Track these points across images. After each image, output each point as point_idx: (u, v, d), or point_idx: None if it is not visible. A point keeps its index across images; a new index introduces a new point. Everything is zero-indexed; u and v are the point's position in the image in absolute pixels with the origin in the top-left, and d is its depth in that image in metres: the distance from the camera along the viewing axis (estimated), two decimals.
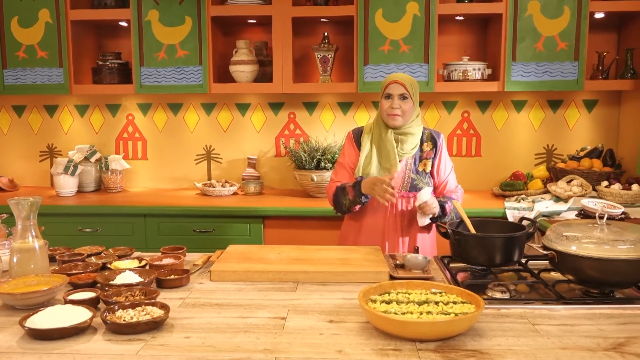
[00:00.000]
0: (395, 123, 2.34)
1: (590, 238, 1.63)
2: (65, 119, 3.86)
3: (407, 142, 2.37)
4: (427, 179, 2.41)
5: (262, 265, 1.88)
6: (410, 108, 2.35)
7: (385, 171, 2.37)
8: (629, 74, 3.28)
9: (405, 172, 2.39)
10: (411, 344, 1.32)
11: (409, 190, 2.39)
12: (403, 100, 2.33)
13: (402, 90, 2.32)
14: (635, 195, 3.08)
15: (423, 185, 2.39)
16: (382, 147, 2.38)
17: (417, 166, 2.41)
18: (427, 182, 2.41)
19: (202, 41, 3.34)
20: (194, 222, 3.20)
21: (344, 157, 2.48)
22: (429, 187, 2.35)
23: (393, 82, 2.33)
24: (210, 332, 1.39)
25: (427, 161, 2.41)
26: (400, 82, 2.32)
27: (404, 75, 2.36)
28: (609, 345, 1.33)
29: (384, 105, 2.36)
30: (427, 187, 2.33)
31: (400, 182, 2.39)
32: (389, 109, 2.33)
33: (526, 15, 3.18)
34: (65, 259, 1.94)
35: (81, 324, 1.36)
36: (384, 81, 2.39)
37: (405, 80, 2.33)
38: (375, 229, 2.40)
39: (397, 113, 2.32)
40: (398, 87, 2.32)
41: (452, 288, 1.55)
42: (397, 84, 2.32)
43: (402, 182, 2.39)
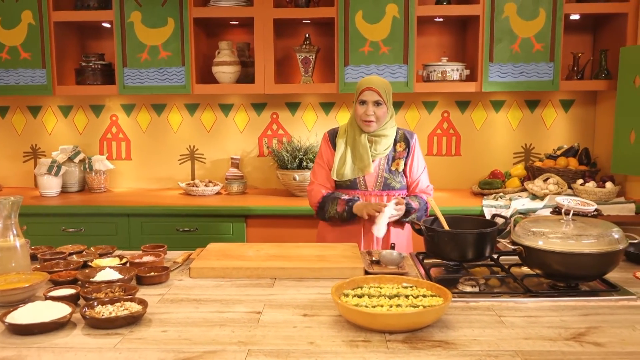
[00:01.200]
0: (369, 129, 2.41)
1: (556, 233, 1.69)
2: (48, 119, 3.87)
3: (381, 143, 2.43)
4: (400, 178, 2.48)
5: (241, 262, 1.92)
6: (384, 113, 2.41)
7: (359, 171, 2.43)
8: (603, 75, 3.36)
9: (378, 172, 2.46)
10: (381, 336, 1.37)
11: (382, 189, 2.46)
12: (377, 107, 2.38)
13: (376, 97, 2.37)
14: (609, 193, 3.16)
15: (396, 184, 2.45)
16: (355, 149, 2.44)
17: (390, 165, 2.47)
18: (400, 180, 2.48)
19: (185, 42, 3.37)
20: (177, 222, 3.23)
21: (321, 158, 2.54)
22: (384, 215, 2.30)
23: (367, 88, 2.37)
24: (187, 326, 1.44)
25: (399, 161, 2.47)
26: (374, 89, 2.37)
27: (378, 80, 2.40)
28: (570, 335, 1.39)
29: (358, 110, 2.41)
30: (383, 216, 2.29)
31: (373, 182, 2.46)
32: (364, 115, 2.38)
33: (503, 17, 3.25)
34: (46, 257, 1.97)
35: (60, 319, 1.39)
36: (358, 86, 2.43)
37: (379, 87, 2.37)
38: (350, 227, 2.45)
39: (372, 119, 2.38)
40: (372, 94, 2.37)
41: (422, 282, 1.60)
42: (371, 90, 2.37)
43: (375, 182, 2.46)
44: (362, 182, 2.46)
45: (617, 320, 1.48)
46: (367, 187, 2.45)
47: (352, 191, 2.47)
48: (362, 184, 2.46)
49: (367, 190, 2.46)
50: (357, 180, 2.45)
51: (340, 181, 2.48)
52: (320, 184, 2.51)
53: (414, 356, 1.27)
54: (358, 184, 2.45)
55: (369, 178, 2.45)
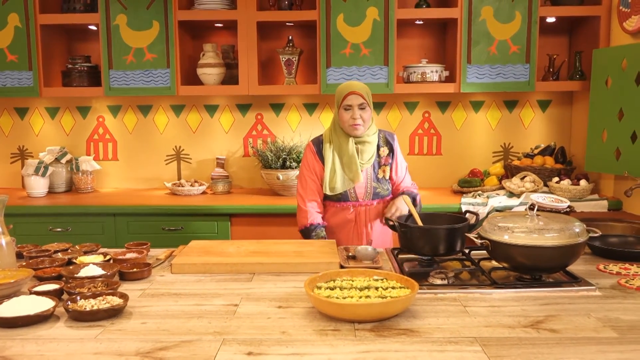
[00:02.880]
0: (358, 133, 2.46)
1: (521, 228, 1.77)
2: (35, 121, 3.92)
3: (366, 151, 2.50)
4: (387, 185, 2.56)
5: (221, 258, 1.99)
6: (369, 116, 2.47)
7: (349, 183, 2.49)
8: (578, 76, 3.46)
9: (367, 182, 2.52)
10: (350, 325, 1.45)
11: (372, 199, 2.54)
12: (362, 110, 2.43)
13: (360, 101, 2.43)
14: (583, 190, 3.26)
15: (384, 192, 2.54)
16: (343, 157, 2.49)
17: (377, 174, 2.54)
18: (387, 187, 2.56)
19: (170, 45, 3.44)
20: (163, 221, 3.29)
21: (309, 170, 2.54)
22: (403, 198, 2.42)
23: (351, 93, 2.42)
24: (166, 318, 1.51)
25: (385, 167, 2.55)
26: (358, 93, 2.42)
27: (359, 85, 2.47)
28: (528, 322, 1.47)
29: (344, 116, 2.44)
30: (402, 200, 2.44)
31: (363, 192, 2.52)
32: (351, 119, 2.42)
33: (480, 20, 3.34)
34: (32, 255, 2.03)
35: (44, 312, 1.46)
36: (339, 91, 2.46)
37: (362, 90, 2.44)
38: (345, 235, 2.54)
39: (359, 123, 2.43)
40: (356, 98, 2.42)
41: (392, 275, 1.68)
42: (355, 94, 2.42)
43: (365, 192, 2.52)
44: (352, 194, 2.52)
45: (575, 309, 1.57)
46: (358, 197, 2.52)
47: (344, 203, 2.52)
48: (353, 195, 2.52)
49: (357, 201, 2.52)
50: (347, 192, 2.51)
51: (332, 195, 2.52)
52: (309, 199, 2.52)
53: (380, 343, 1.34)
54: (349, 196, 2.52)
55: (358, 189, 2.52)
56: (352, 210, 2.53)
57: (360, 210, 2.53)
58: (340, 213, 2.54)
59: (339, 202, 2.53)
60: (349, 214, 2.53)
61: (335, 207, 2.54)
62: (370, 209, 2.53)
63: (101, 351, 1.30)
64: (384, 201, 2.56)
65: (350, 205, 2.53)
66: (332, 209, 2.56)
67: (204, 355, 1.28)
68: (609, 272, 1.91)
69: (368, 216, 2.53)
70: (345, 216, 2.53)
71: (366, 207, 2.53)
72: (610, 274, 1.90)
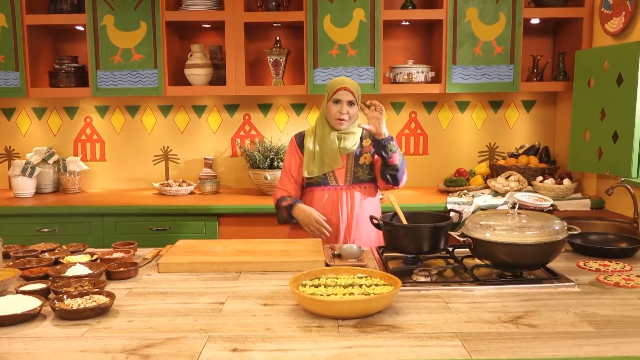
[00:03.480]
0: (342, 127, 2.51)
1: (502, 226, 1.80)
2: (22, 121, 3.91)
3: (349, 139, 2.54)
4: (369, 171, 2.57)
5: (208, 257, 2.01)
6: (356, 113, 2.52)
7: (328, 168, 2.53)
8: (561, 76, 3.51)
9: (347, 166, 2.55)
10: (334, 322, 1.47)
11: (352, 183, 2.55)
12: (350, 106, 2.49)
13: (350, 97, 2.47)
14: (566, 189, 3.31)
15: (365, 177, 2.56)
16: (324, 146, 2.53)
17: (358, 160, 2.57)
18: (369, 173, 2.57)
19: (157, 45, 3.45)
20: (150, 221, 3.30)
21: (287, 166, 2.62)
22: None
23: (342, 88, 2.47)
24: (152, 317, 1.52)
25: (367, 155, 2.58)
26: (349, 89, 2.47)
27: (351, 81, 2.52)
28: (508, 318, 1.50)
29: (332, 109, 2.49)
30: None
31: (343, 176, 2.55)
32: (338, 113, 2.48)
33: (465, 22, 3.38)
34: (19, 255, 2.04)
35: (31, 311, 1.47)
36: (331, 85, 2.51)
37: (353, 87, 2.49)
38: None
39: (345, 119, 2.48)
40: (347, 94, 2.47)
41: (375, 272, 1.71)
42: (346, 90, 2.47)
43: (345, 176, 2.55)
44: (332, 178, 2.54)
45: (554, 304, 1.60)
46: (338, 182, 2.54)
47: (324, 187, 2.54)
48: (333, 179, 2.54)
49: (338, 185, 2.54)
50: (327, 176, 2.54)
51: (312, 178, 2.55)
52: (282, 188, 2.60)
53: (362, 339, 1.37)
54: (329, 180, 2.54)
55: (339, 173, 2.54)
56: (326, 197, 2.53)
57: (341, 195, 2.54)
58: (321, 197, 2.54)
59: (319, 186, 2.55)
60: (329, 198, 2.53)
61: (316, 191, 2.56)
62: (350, 194, 2.54)
63: (87, 349, 1.32)
64: (364, 186, 2.57)
65: (330, 189, 2.54)
66: (313, 193, 2.56)
67: (190, 352, 1.30)
68: (589, 268, 1.95)
69: (349, 201, 2.54)
70: (326, 200, 2.54)
71: (347, 191, 2.54)
72: (590, 270, 1.94)
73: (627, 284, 1.77)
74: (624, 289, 1.73)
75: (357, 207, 2.55)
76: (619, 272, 1.90)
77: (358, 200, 2.55)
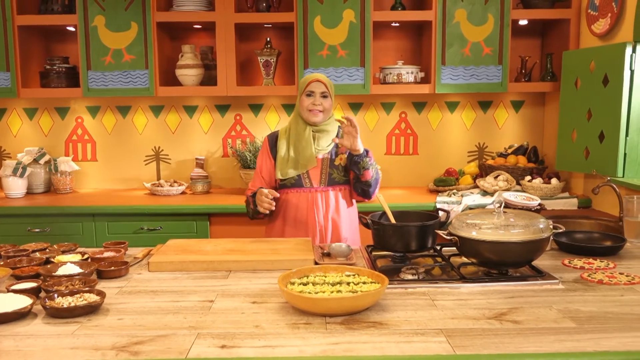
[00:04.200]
0: (316, 119, 2.48)
1: (488, 224, 1.84)
2: (13, 122, 3.91)
3: (323, 138, 2.52)
4: (344, 172, 2.54)
5: (198, 256, 2.03)
6: (330, 106, 2.50)
7: (303, 167, 2.50)
8: (549, 77, 3.55)
9: (322, 167, 2.53)
10: (321, 319, 1.50)
11: (328, 185, 2.52)
12: (324, 98, 2.48)
13: (323, 89, 2.47)
14: (554, 189, 3.35)
15: (340, 179, 2.54)
16: (299, 145, 2.50)
17: (333, 161, 2.54)
18: (345, 175, 2.54)
19: (148, 46, 3.46)
20: (142, 221, 3.31)
21: (258, 168, 2.60)
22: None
23: (315, 80, 2.47)
24: (142, 314, 1.54)
25: (343, 155, 2.54)
26: (322, 81, 2.47)
27: (324, 76, 2.52)
28: (492, 314, 1.53)
29: (305, 102, 2.48)
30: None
31: (318, 178, 2.52)
32: (311, 105, 2.46)
33: (454, 23, 3.42)
34: (10, 254, 2.05)
35: (21, 310, 1.49)
36: (304, 80, 2.51)
37: (325, 80, 2.49)
38: (298, 224, 2.52)
39: (320, 109, 2.47)
40: (320, 85, 2.47)
41: (363, 270, 1.73)
42: (319, 82, 2.47)
43: (320, 178, 2.52)
44: (307, 180, 2.51)
45: (538, 301, 1.63)
46: (313, 184, 2.51)
47: (299, 189, 2.50)
48: (308, 182, 2.51)
49: (312, 187, 2.51)
50: (301, 178, 2.51)
51: (285, 179, 2.51)
52: (252, 189, 2.56)
53: (349, 335, 1.39)
54: (303, 182, 2.50)
55: (313, 175, 2.51)
56: (301, 199, 2.50)
57: (315, 197, 2.51)
58: (296, 199, 2.51)
59: (293, 188, 2.51)
60: (304, 200, 2.50)
61: (290, 193, 2.52)
62: (325, 195, 2.51)
63: (78, 346, 1.34)
64: (340, 188, 2.54)
65: (305, 191, 2.50)
66: (287, 195, 2.52)
67: (179, 348, 1.32)
68: (573, 266, 1.98)
69: (324, 203, 2.51)
70: (301, 203, 2.50)
71: (322, 194, 2.52)
72: (575, 268, 1.97)
73: (610, 281, 1.80)
74: (607, 286, 1.77)
75: (332, 210, 2.52)
76: (602, 270, 1.93)
77: (333, 202, 2.52)
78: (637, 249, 2.23)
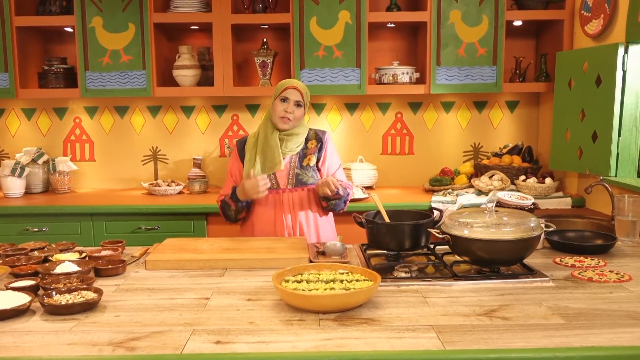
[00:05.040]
0: (285, 127, 2.47)
1: (480, 223, 1.87)
2: (12, 122, 3.93)
3: (292, 140, 2.50)
4: (312, 173, 2.53)
5: (194, 254, 2.05)
6: (301, 115, 2.50)
7: (269, 171, 2.48)
8: (543, 77, 3.58)
9: (289, 168, 2.51)
10: (315, 315, 1.53)
11: (295, 186, 2.51)
12: (297, 107, 2.47)
13: (298, 97, 2.46)
14: (548, 188, 3.38)
15: (308, 179, 2.51)
16: (266, 148, 2.48)
17: (301, 162, 2.53)
18: (312, 175, 2.53)
19: (145, 47, 3.48)
20: (139, 221, 3.34)
21: (230, 171, 2.61)
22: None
23: (292, 87, 2.46)
24: (138, 311, 1.57)
25: (311, 156, 2.53)
26: (298, 89, 2.46)
27: (302, 84, 2.51)
28: (483, 311, 1.56)
29: (278, 107, 2.46)
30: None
31: (285, 179, 2.51)
32: (283, 112, 2.45)
33: (448, 23, 3.45)
34: (8, 253, 2.07)
35: (20, 307, 1.51)
36: (281, 84, 2.50)
37: (302, 88, 2.48)
38: (266, 224, 2.51)
39: (290, 117, 2.45)
40: (295, 93, 2.46)
41: (356, 268, 1.76)
42: (295, 90, 2.46)
43: (287, 179, 2.51)
44: (273, 181, 2.49)
45: (528, 298, 1.66)
46: (280, 184, 2.50)
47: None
48: (274, 183, 2.49)
49: (279, 189, 2.50)
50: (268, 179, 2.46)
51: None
52: (223, 194, 2.56)
53: (341, 331, 1.42)
54: (270, 183, 2.46)
55: (280, 176, 2.50)
56: (268, 201, 2.49)
57: (282, 198, 2.49)
58: (264, 201, 2.49)
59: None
60: (271, 201, 2.49)
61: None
62: (293, 196, 2.51)
63: (75, 342, 1.36)
64: (308, 189, 2.52)
65: (272, 192, 2.48)
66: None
67: (174, 344, 1.35)
68: (564, 264, 2.01)
69: (291, 203, 2.50)
70: (268, 204, 2.49)
71: (289, 194, 2.50)
72: (566, 266, 2.00)
73: (599, 278, 1.83)
74: (596, 284, 1.80)
75: (300, 212, 2.51)
76: (593, 268, 1.96)
77: (301, 204, 2.51)
78: (628, 247, 2.26)
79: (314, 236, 2.55)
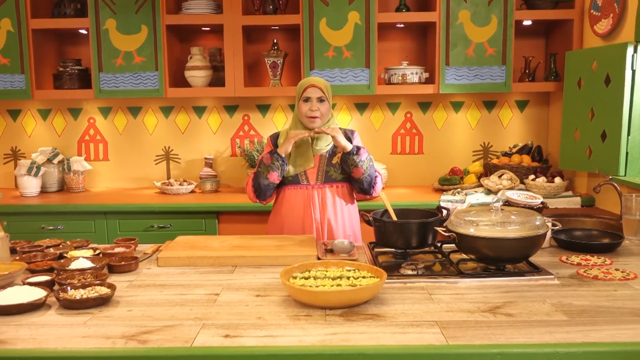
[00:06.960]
0: (314, 125, 2.51)
1: (485, 221, 1.89)
2: (28, 122, 4.01)
3: (322, 139, 2.55)
4: (341, 170, 2.56)
5: (205, 251, 2.10)
6: (327, 110, 2.54)
7: (300, 168, 2.54)
8: (553, 77, 3.59)
9: (319, 166, 2.56)
10: (322, 311, 1.56)
11: (324, 182, 2.55)
12: (321, 103, 2.51)
13: (319, 94, 2.50)
14: (557, 187, 3.39)
15: (337, 176, 2.56)
16: (298, 147, 2.54)
17: (331, 159, 2.57)
18: (341, 172, 2.56)
19: (158, 48, 3.54)
20: (152, 219, 3.40)
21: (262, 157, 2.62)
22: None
23: (310, 86, 2.50)
24: (150, 306, 1.61)
25: (340, 154, 2.55)
26: (317, 86, 2.50)
27: (320, 79, 2.55)
28: (487, 308, 1.59)
29: (302, 108, 2.51)
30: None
31: (315, 175, 2.56)
32: (309, 111, 2.50)
33: (457, 24, 3.47)
34: (25, 250, 2.13)
35: (36, 301, 1.57)
36: (300, 85, 2.54)
37: (321, 84, 2.52)
38: (295, 220, 2.56)
39: (317, 115, 2.50)
40: (315, 91, 2.50)
41: (363, 266, 1.79)
42: (315, 87, 2.50)
43: (317, 176, 2.56)
44: (304, 177, 2.55)
45: (532, 295, 1.69)
46: (309, 181, 2.54)
47: (295, 186, 2.55)
48: (305, 179, 2.54)
49: (309, 184, 2.54)
50: (298, 176, 2.54)
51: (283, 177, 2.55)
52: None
53: (347, 326, 1.46)
54: (300, 179, 2.54)
55: (310, 172, 2.55)
56: (298, 196, 2.53)
57: (312, 194, 2.54)
58: (292, 196, 2.55)
59: (290, 184, 2.55)
60: (300, 197, 2.54)
61: (287, 190, 2.56)
62: (322, 192, 2.55)
63: (89, 335, 1.41)
64: (337, 185, 2.57)
65: (302, 188, 2.53)
66: (284, 191, 2.57)
67: (185, 337, 1.39)
68: (570, 262, 2.03)
69: (320, 200, 2.54)
70: (297, 199, 2.54)
71: (318, 190, 2.56)
72: (572, 264, 2.01)
73: (605, 276, 1.85)
74: (601, 282, 1.81)
75: (329, 207, 2.55)
76: (599, 266, 1.98)
77: (330, 199, 2.55)
78: (635, 246, 2.27)
79: (341, 231, 2.58)
